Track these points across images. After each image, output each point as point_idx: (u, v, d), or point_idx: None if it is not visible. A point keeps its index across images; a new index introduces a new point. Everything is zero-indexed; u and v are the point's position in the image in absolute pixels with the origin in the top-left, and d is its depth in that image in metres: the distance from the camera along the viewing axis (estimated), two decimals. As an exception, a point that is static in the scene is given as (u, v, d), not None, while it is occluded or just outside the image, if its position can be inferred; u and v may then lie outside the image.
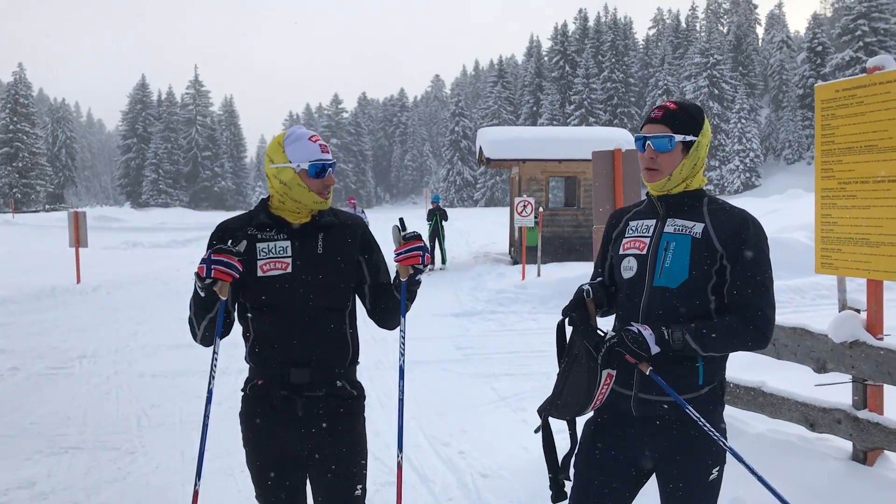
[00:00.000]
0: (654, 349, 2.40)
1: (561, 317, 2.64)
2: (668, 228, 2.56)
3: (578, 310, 2.55)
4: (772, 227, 18.60)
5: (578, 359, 2.50)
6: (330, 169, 2.75)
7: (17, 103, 74.79)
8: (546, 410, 2.68)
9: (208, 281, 2.59)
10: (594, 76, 79.28)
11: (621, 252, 2.66)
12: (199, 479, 2.80)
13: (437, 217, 19.36)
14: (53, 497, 5.01)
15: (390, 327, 2.95)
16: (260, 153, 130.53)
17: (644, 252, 2.59)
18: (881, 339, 3.91)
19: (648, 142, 2.55)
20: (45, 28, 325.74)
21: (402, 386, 2.86)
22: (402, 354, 2.88)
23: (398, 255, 2.72)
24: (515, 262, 18.87)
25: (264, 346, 2.75)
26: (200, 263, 2.60)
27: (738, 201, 35.19)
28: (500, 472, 5.27)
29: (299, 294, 2.71)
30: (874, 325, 3.96)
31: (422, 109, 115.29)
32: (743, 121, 65.98)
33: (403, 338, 2.88)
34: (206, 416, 2.79)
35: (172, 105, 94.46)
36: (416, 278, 2.76)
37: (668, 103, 2.60)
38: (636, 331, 2.42)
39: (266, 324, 2.74)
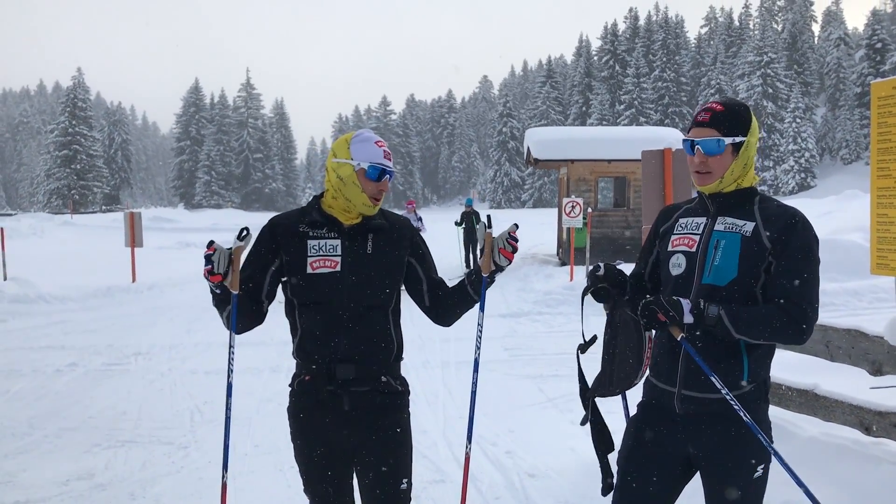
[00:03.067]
0: (688, 318, 2.42)
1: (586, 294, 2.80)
2: (718, 226, 2.55)
3: (603, 282, 2.70)
4: (827, 229, 18.17)
5: (625, 325, 2.58)
6: (387, 176, 2.80)
7: (76, 107, 76.74)
8: (595, 391, 2.71)
9: (226, 283, 2.68)
10: (645, 75, 78.39)
11: (670, 249, 2.66)
12: (226, 472, 2.89)
13: (472, 219, 19.09)
14: (111, 488, 5.16)
15: (447, 324, 3.02)
16: (310, 155, 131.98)
17: (693, 249, 2.58)
18: (940, 341, 3.80)
19: (697, 145, 2.53)
20: (101, 33, 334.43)
21: (476, 379, 3.02)
22: (478, 348, 3.02)
23: (505, 241, 2.86)
24: (563, 264, 18.77)
25: (311, 343, 2.80)
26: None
27: (792, 202, 34.26)
28: (548, 472, 5.27)
29: (347, 293, 2.76)
30: (932, 327, 3.86)
31: (469, 110, 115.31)
32: (798, 120, 64.59)
33: (480, 332, 3.00)
34: (228, 409, 2.86)
35: (225, 108, 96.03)
36: (496, 276, 2.88)
37: (713, 105, 2.57)
38: (674, 298, 2.44)
39: (313, 320, 2.80)
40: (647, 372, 2.73)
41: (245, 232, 2.65)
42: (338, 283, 2.76)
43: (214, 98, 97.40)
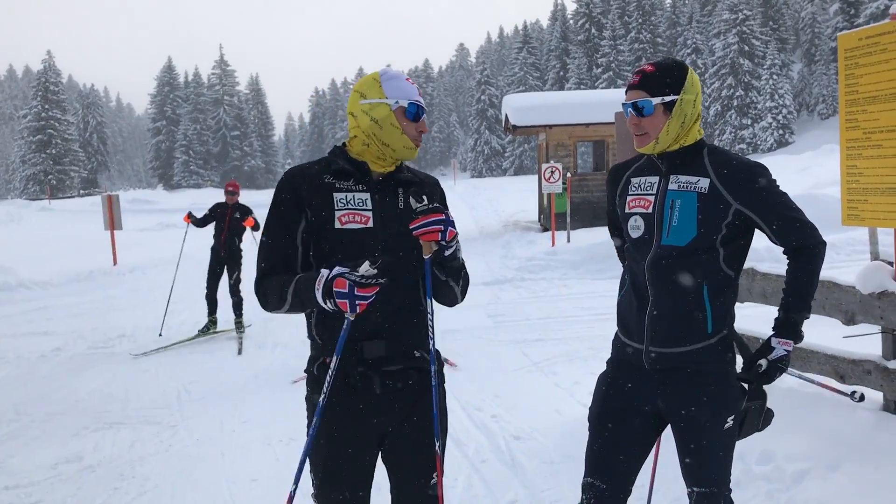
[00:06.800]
0: (783, 350, 2.56)
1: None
2: (671, 186, 2.56)
3: None
4: (805, 185, 18.29)
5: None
6: (424, 116, 2.49)
7: (48, 91, 75.53)
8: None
9: (351, 316, 2.28)
10: (621, 37, 78.00)
11: (627, 211, 2.67)
12: (296, 485, 2.47)
13: None
14: (100, 469, 5.18)
15: (446, 303, 2.60)
16: (288, 130, 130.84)
17: (650, 210, 2.59)
18: (910, 288, 3.87)
19: (629, 108, 2.56)
20: (70, 14, 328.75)
21: (434, 370, 2.48)
22: (432, 338, 2.48)
23: (413, 228, 2.33)
24: (545, 230, 18.82)
25: (334, 317, 2.37)
26: (340, 299, 2.22)
27: (771, 159, 34.56)
28: (533, 434, 5.34)
29: (380, 252, 2.40)
30: (903, 274, 3.93)
31: (447, 79, 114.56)
32: (775, 77, 64.56)
33: (432, 323, 2.49)
34: (311, 426, 2.43)
35: (199, 86, 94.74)
36: (445, 254, 2.40)
37: (645, 66, 2.59)
38: (780, 357, 2.56)
39: None
40: (616, 328, 2.77)
41: (379, 259, 2.28)
42: (370, 240, 2.41)
43: (188, 76, 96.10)
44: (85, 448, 5.61)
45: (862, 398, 2.69)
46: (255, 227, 9.51)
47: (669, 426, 2.69)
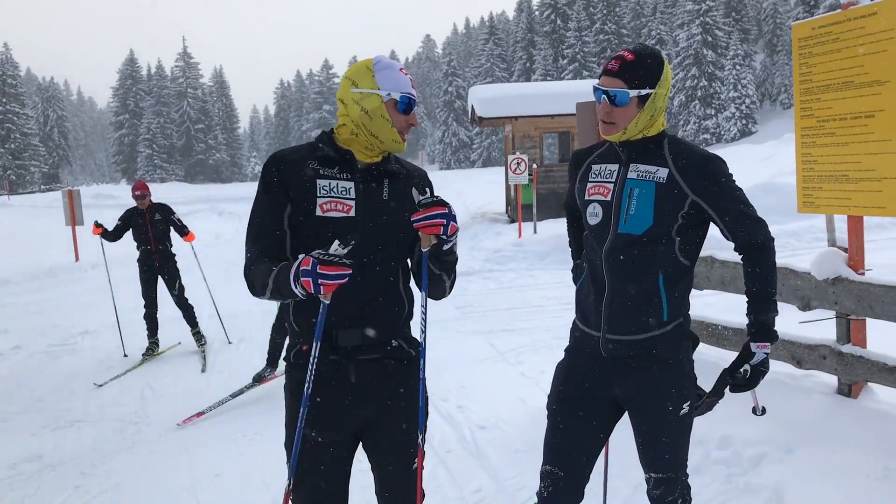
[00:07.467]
0: (762, 355, 2.57)
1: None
2: (631, 174, 2.56)
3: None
4: (768, 174, 18.51)
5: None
6: (415, 108, 2.47)
7: (5, 84, 74.05)
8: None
9: (324, 299, 2.26)
10: (586, 28, 78.40)
11: (587, 197, 2.68)
12: (290, 480, 2.44)
13: None
14: (61, 468, 5.11)
15: (434, 296, 2.56)
16: (253, 123, 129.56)
17: (608, 198, 2.60)
18: (862, 274, 3.96)
19: (604, 95, 2.52)
20: (27, 5, 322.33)
21: (423, 364, 2.48)
22: (423, 332, 2.47)
23: (415, 221, 2.31)
24: (512, 221, 18.87)
25: (311, 304, 2.35)
26: (304, 277, 2.17)
27: (734, 148, 34.94)
28: (498, 423, 5.36)
29: (361, 242, 2.36)
30: (855, 260, 4.01)
31: (413, 71, 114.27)
32: (738, 67, 65.34)
33: (424, 315, 2.49)
34: (301, 419, 2.38)
35: (162, 79, 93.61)
36: (444, 248, 2.40)
37: (625, 53, 2.52)
38: (762, 360, 2.57)
39: None
40: (574, 316, 2.79)
41: (351, 240, 2.23)
42: (351, 229, 2.38)
43: (151, 69, 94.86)
44: (45, 446, 5.53)
45: (764, 412, 2.74)
46: (182, 231, 8.71)
47: (626, 413, 2.71)
